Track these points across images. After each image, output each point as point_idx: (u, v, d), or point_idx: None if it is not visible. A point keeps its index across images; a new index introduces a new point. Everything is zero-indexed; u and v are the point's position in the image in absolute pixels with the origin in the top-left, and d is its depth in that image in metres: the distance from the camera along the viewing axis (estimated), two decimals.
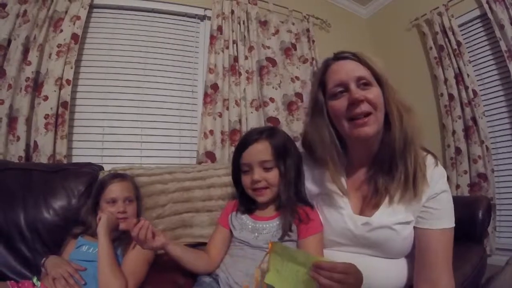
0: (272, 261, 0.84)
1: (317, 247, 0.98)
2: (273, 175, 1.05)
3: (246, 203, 1.11)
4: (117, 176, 1.41)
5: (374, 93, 0.91)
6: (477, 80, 2.55)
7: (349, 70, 0.93)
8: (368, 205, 0.98)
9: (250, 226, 1.05)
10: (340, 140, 0.99)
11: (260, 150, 1.06)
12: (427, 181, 0.92)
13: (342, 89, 0.93)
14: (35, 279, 1.11)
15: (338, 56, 0.99)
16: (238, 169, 1.11)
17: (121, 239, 1.25)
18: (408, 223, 0.93)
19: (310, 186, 1.10)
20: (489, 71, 2.56)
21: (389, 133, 0.92)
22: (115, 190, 1.32)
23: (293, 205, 1.03)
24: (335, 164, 0.98)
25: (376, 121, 0.91)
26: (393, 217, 0.92)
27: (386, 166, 0.95)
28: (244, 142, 1.09)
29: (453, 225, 0.93)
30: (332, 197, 1.01)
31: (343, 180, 1.01)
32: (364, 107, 0.90)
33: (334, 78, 0.95)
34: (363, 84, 0.92)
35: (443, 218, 0.92)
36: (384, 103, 0.92)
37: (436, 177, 0.95)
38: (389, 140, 0.92)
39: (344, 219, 0.97)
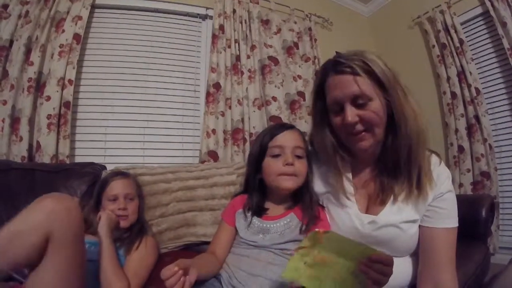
0: (301, 255, 0.74)
1: None
2: (303, 164, 1.05)
3: (257, 201, 1.09)
4: (118, 173, 1.42)
5: (371, 109, 0.88)
6: (480, 78, 2.54)
7: (345, 87, 0.88)
8: (374, 203, 0.98)
9: (256, 226, 1.03)
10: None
11: (296, 136, 1.07)
12: (433, 180, 0.93)
13: (338, 108, 0.92)
14: None
15: (336, 69, 0.91)
16: (261, 155, 1.07)
17: (123, 239, 1.25)
18: (414, 221, 0.93)
19: (316, 184, 1.09)
20: (492, 69, 2.54)
21: (394, 137, 0.91)
22: (116, 187, 1.33)
23: (315, 202, 1.04)
24: (339, 170, 0.99)
25: (373, 136, 0.90)
26: (399, 215, 0.92)
27: (390, 167, 0.95)
28: (278, 127, 1.09)
29: (457, 225, 0.94)
30: (338, 196, 1.01)
31: (349, 180, 1.01)
32: (359, 127, 0.89)
33: (330, 95, 0.93)
34: (360, 102, 0.88)
35: (449, 218, 0.93)
36: (390, 108, 0.90)
37: (442, 177, 0.95)
38: (393, 145, 0.92)
39: (350, 218, 0.97)
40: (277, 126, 1.12)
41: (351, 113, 0.88)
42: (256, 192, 1.09)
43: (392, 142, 0.92)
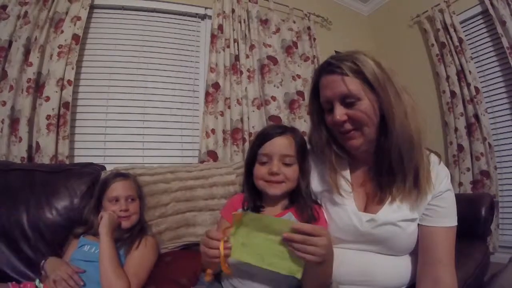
0: (236, 236, 0.82)
1: None
2: (292, 170, 1.03)
3: (254, 199, 1.09)
4: (119, 175, 1.42)
5: (361, 108, 0.89)
6: (479, 77, 2.54)
7: (334, 87, 0.91)
8: (372, 201, 0.98)
9: None
10: None
11: (284, 144, 1.04)
12: (432, 179, 0.93)
13: (330, 106, 0.94)
14: (37, 281, 1.11)
15: (327, 69, 0.94)
16: (253, 160, 1.08)
17: (123, 239, 1.26)
18: (413, 220, 0.93)
19: (314, 183, 1.09)
20: (491, 67, 2.55)
21: (386, 137, 0.91)
22: (117, 188, 1.33)
23: (311, 202, 1.04)
24: (335, 168, 1.00)
25: (362, 135, 0.92)
26: (398, 214, 0.92)
27: (386, 167, 0.95)
28: (268, 133, 1.07)
29: (456, 223, 0.94)
30: (335, 194, 1.01)
31: (346, 179, 1.01)
32: (347, 126, 0.91)
33: (322, 94, 0.96)
34: (348, 101, 0.90)
35: (448, 217, 0.93)
36: (381, 108, 0.90)
37: (441, 176, 0.96)
38: (385, 145, 0.92)
39: (349, 216, 0.96)
40: (269, 131, 1.09)
41: (340, 112, 0.90)
42: (253, 192, 1.09)
43: (384, 142, 0.92)
